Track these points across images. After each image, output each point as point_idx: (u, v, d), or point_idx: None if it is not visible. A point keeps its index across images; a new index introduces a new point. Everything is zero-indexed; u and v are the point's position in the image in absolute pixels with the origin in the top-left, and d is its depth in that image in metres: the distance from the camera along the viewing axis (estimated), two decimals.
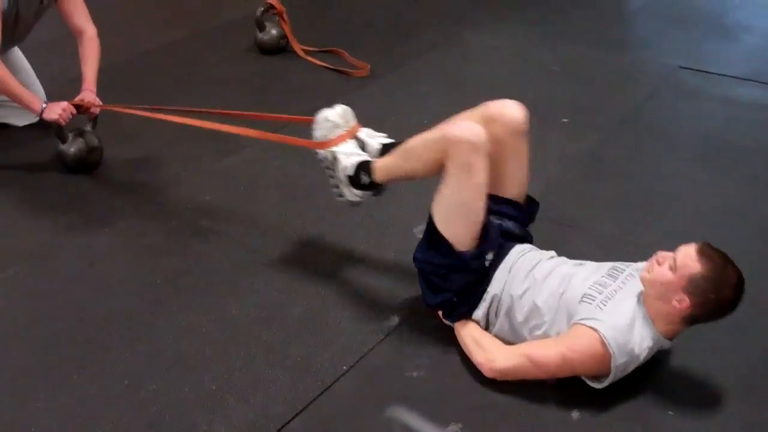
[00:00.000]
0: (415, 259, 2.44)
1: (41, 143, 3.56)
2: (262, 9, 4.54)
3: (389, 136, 2.66)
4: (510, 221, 2.51)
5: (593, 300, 2.21)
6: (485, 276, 2.37)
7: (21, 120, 3.71)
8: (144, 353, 2.42)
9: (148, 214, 3.12)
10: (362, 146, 2.61)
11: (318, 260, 2.85)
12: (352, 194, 2.56)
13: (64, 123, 3.30)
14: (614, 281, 2.27)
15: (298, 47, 4.57)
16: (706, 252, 2.14)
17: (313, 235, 2.99)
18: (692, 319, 2.18)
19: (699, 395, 2.26)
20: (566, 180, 3.35)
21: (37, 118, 3.69)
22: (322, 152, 2.59)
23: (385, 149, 2.58)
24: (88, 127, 3.41)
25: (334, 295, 2.67)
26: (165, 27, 5.03)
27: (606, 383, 2.19)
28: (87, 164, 3.39)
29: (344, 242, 2.93)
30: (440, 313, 2.47)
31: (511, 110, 2.46)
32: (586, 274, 2.31)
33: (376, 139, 2.63)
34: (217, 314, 2.59)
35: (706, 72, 4.36)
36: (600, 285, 2.25)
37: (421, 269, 2.43)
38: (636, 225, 3.06)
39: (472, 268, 2.34)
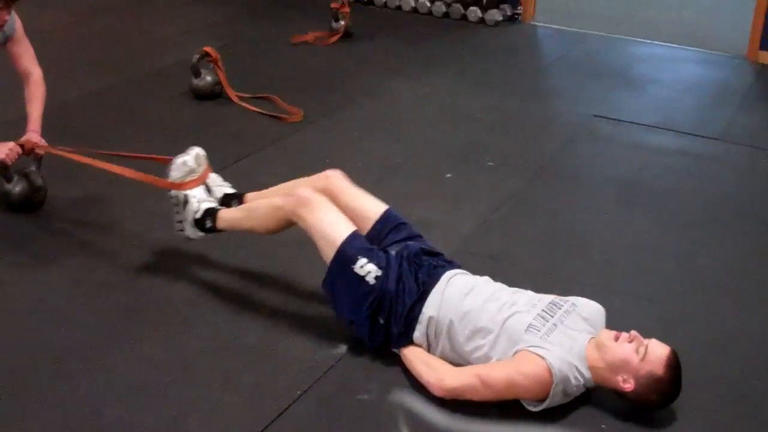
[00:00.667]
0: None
1: None
2: (198, 56, 4.69)
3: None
4: (411, 241, 2.74)
5: (538, 331, 2.42)
6: (394, 291, 2.57)
7: None
8: (103, 382, 2.51)
9: (96, 252, 3.21)
10: (208, 190, 3.02)
11: (266, 293, 2.98)
12: (193, 233, 2.98)
13: (10, 162, 3.36)
14: (553, 316, 2.48)
15: (232, 93, 4.72)
16: (673, 364, 2.37)
17: (259, 269, 3.12)
18: (621, 394, 2.41)
19: (625, 411, 2.46)
20: (495, 218, 3.58)
21: None
22: (174, 192, 2.97)
23: (226, 199, 3.03)
24: (33, 167, 3.48)
25: (285, 325, 2.80)
26: (97, 73, 5.11)
27: (542, 407, 2.38)
28: (32, 204, 3.45)
29: (290, 276, 3.07)
30: None
31: (333, 176, 2.88)
32: (526, 305, 2.52)
33: (220, 188, 3.06)
34: (171, 345, 2.69)
35: (618, 120, 4.70)
36: (542, 318, 2.47)
37: (340, 314, 2.70)
38: (560, 260, 3.30)
39: (354, 278, 2.58)
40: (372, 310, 2.57)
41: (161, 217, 3.45)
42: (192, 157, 2.99)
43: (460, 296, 2.54)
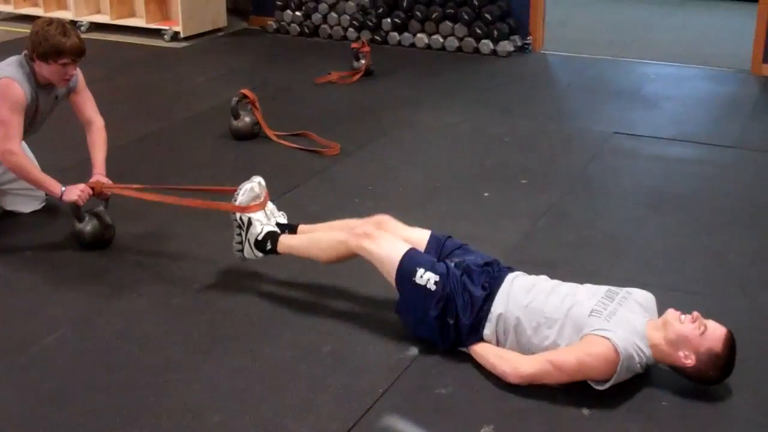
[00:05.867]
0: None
1: (50, 226, 3.88)
2: (236, 99, 4.95)
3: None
4: (467, 256, 2.98)
5: (600, 315, 2.65)
6: (461, 295, 2.81)
7: (28, 207, 4.01)
8: (201, 392, 2.73)
9: (170, 280, 3.43)
10: (266, 216, 3.28)
11: (334, 306, 3.21)
12: (251, 253, 3.25)
13: (82, 203, 3.61)
14: (612, 302, 2.71)
15: (270, 132, 4.98)
16: (730, 342, 2.60)
17: (324, 286, 3.34)
18: (680, 370, 2.63)
19: (682, 389, 2.69)
20: (536, 229, 3.82)
21: (42, 205, 4.02)
22: (238, 215, 3.24)
23: (279, 227, 3.27)
24: (101, 207, 3.72)
25: (356, 334, 3.02)
26: (138, 121, 5.37)
27: (608, 385, 2.60)
28: (103, 241, 3.68)
29: (354, 289, 3.30)
30: None
31: (383, 217, 3.15)
32: (586, 294, 2.76)
33: (275, 217, 3.33)
34: (256, 356, 2.91)
35: (638, 135, 4.96)
36: (603, 303, 2.70)
37: (414, 329, 2.93)
38: (604, 262, 3.52)
39: (417, 289, 2.83)
40: (439, 311, 2.80)
41: (224, 247, 3.68)
42: (257, 184, 3.26)
43: (524, 293, 2.77)
